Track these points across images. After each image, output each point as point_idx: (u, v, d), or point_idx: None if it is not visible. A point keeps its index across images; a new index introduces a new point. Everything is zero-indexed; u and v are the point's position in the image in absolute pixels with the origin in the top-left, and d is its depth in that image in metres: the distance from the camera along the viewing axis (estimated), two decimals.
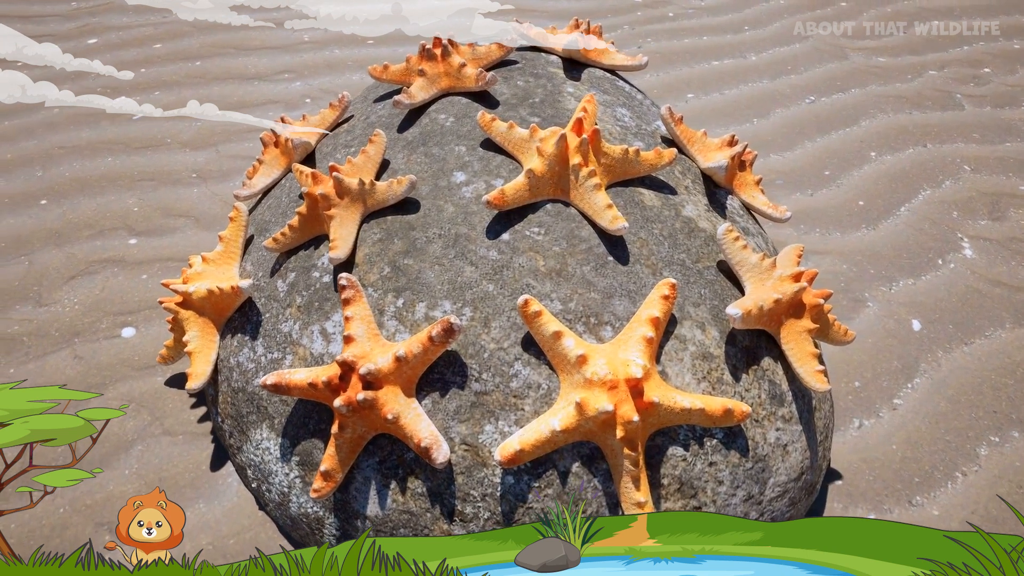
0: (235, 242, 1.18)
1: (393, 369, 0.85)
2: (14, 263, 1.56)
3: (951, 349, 1.36)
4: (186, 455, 1.16)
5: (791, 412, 0.93)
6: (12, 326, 1.41)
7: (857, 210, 1.74)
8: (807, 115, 2.13)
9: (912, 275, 1.54)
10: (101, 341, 1.37)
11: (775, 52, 2.51)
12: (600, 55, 1.37)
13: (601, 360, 0.82)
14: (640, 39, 2.58)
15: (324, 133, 1.27)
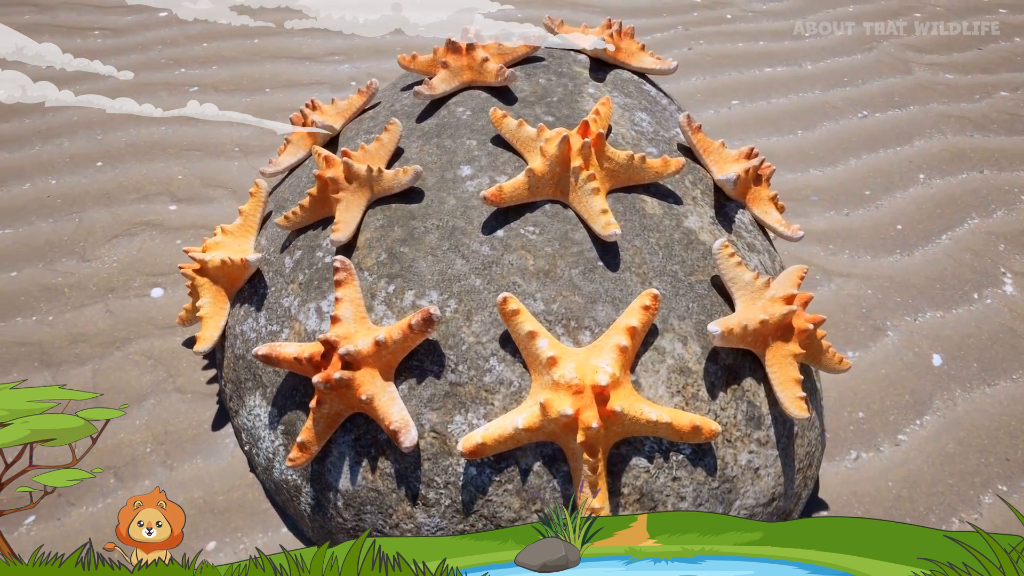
0: (253, 217, 1.24)
1: (372, 352, 0.88)
2: (66, 219, 1.68)
3: (971, 389, 1.29)
4: (192, 412, 1.23)
5: (768, 436, 0.92)
6: (57, 277, 1.52)
7: (893, 234, 1.66)
8: (857, 130, 2.04)
9: (942, 307, 1.46)
10: (132, 299, 1.46)
11: (833, 62, 2.41)
12: (629, 57, 1.36)
13: (571, 364, 0.83)
14: (691, 40, 2.52)
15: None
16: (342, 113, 1.34)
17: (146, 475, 1.14)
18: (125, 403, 1.24)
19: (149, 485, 1.13)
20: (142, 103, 2.24)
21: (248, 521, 1.07)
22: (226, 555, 1.04)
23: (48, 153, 1.91)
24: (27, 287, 1.49)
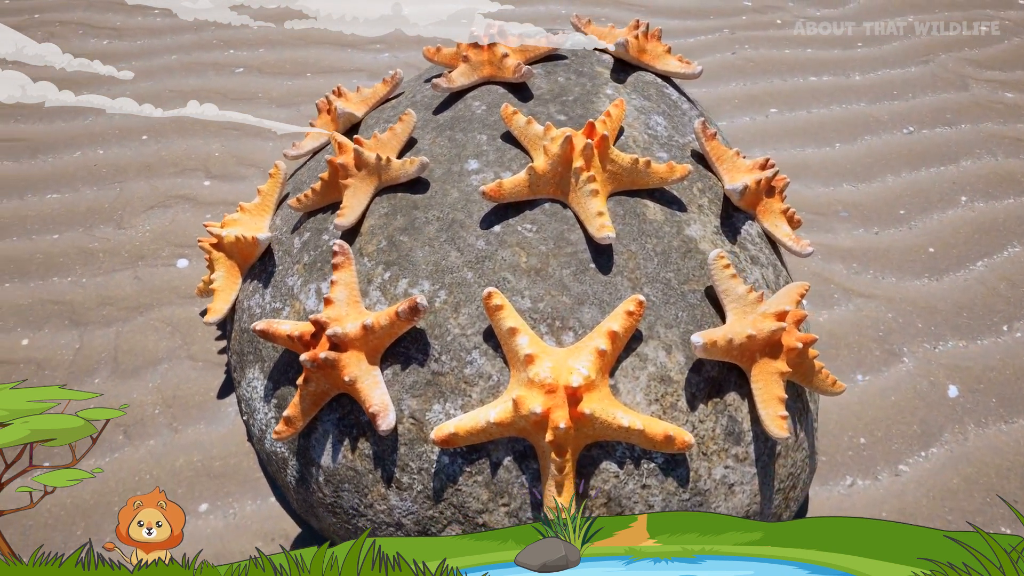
0: (270, 196, 1.28)
1: (359, 336, 0.91)
2: (108, 188, 1.77)
3: (986, 425, 1.23)
4: (201, 380, 1.29)
5: (747, 453, 0.90)
6: (93, 242, 1.61)
7: (924, 257, 1.60)
8: (899, 146, 1.96)
9: (966, 337, 1.40)
10: (159, 267, 1.54)
11: (884, 74, 2.31)
12: (653, 59, 1.34)
13: (547, 363, 0.83)
14: (736, 45, 2.46)
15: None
16: (366, 101, 1.37)
17: (152, 435, 1.20)
18: (141, 365, 1.31)
19: (154, 445, 1.19)
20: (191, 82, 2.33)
21: (240, 488, 1.12)
22: (216, 518, 1.09)
23: (100, 125, 2.02)
24: (66, 249, 1.58)
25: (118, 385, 1.28)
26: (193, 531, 1.07)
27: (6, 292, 1.47)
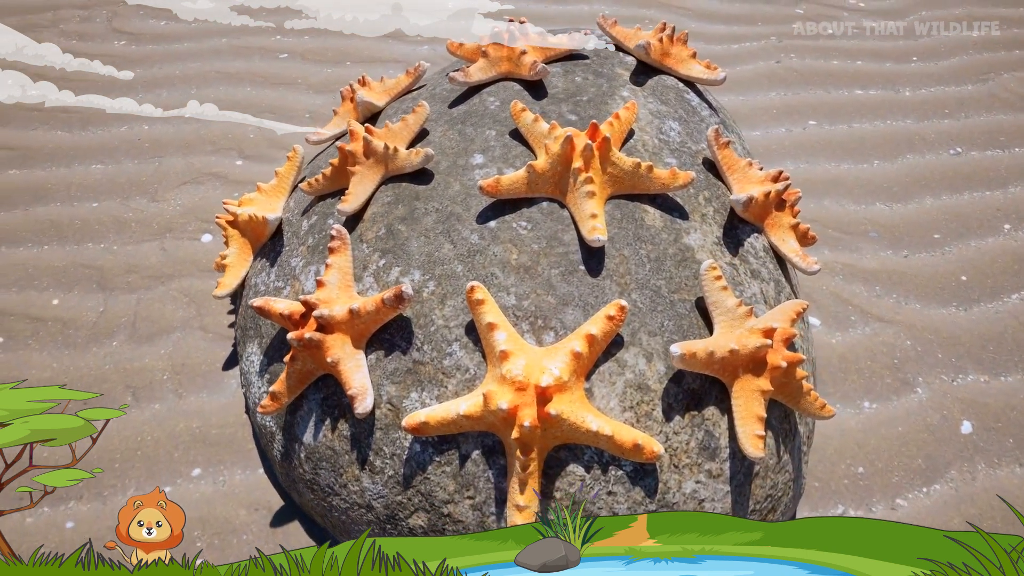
0: (287, 179, 1.32)
1: (345, 319, 0.93)
2: (148, 162, 1.86)
3: (998, 465, 1.17)
4: (209, 351, 1.34)
5: (721, 470, 0.88)
6: (128, 212, 1.69)
7: (954, 284, 1.52)
8: (943, 167, 1.87)
9: (989, 372, 1.32)
10: (184, 240, 1.61)
11: (938, 91, 2.21)
12: (677, 63, 1.32)
13: (521, 361, 0.83)
14: (782, 53, 2.39)
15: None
16: (388, 91, 1.39)
17: (158, 399, 1.26)
18: (156, 332, 1.37)
19: (158, 408, 1.24)
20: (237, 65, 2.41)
21: (232, 457, 1.16)
22: (206, 483, 1.13)
23: (149, 101, 2.11)
24: (102, 217, 1.67)
25: (133, 349, 1.35)
26: (184, 494, 1.11)
27: (44, 254, 1.57)
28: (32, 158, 1.86)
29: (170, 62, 2.30)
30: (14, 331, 1.39)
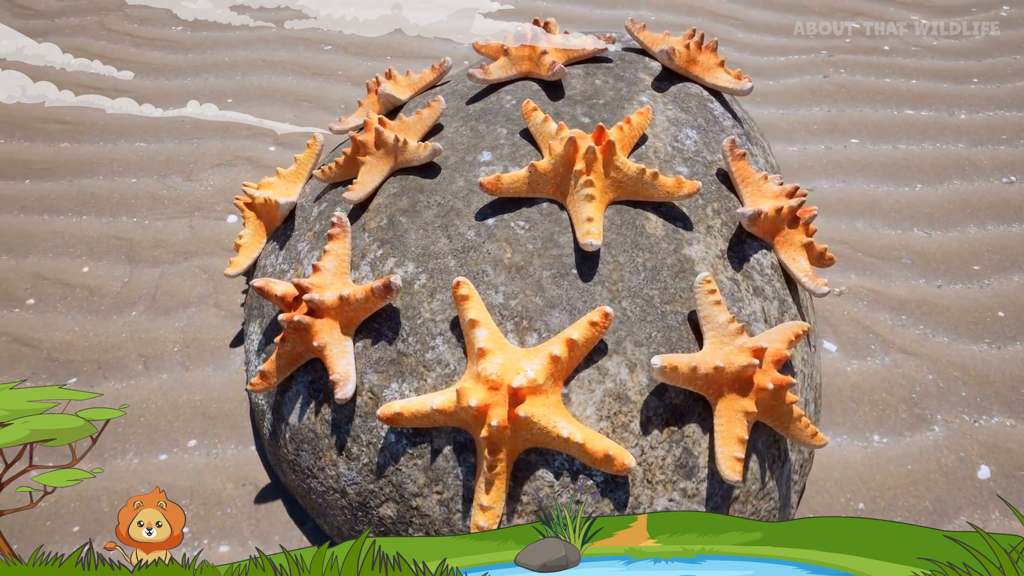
0: (305, 165, 1.35)
1: (335, 305, 0.94)
2: (187, 143, 1.93)
3: (1014, 516, 1.09)
4: (220, 327, 1.38)
5: (697, 489, 0.85)
6: (163, 190, 1.76)
7: (990, 320, 1.43)
8: (993, 196, 1.76)
9: (1018, 416, 1.24)
10: (211, 220, 1.66)
11: (996, 115, 2.08)
12: (704, 71, 1.29)
13: (498, 360, 0.83)
14: (831, 68, 2.30)
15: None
16: (413, 85, 1.41)
17: (167, 370, 1.30)
18: (173, 306, 1.42)
19: (166, 379, 1.29)
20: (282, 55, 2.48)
21: (228, 432, 1.19)
22: (199, 455, 1.16)
23: (196, 85, 2.20)
24: (138, 193, 1.74)
25: (150, 320, 1.40)
26: (177, 462, 1.15)
27: (82, 223, 1.65)
28: (84, 133, 1.96)
29: (219, 48, 2.39)
30: (45, 293, 1.46)
